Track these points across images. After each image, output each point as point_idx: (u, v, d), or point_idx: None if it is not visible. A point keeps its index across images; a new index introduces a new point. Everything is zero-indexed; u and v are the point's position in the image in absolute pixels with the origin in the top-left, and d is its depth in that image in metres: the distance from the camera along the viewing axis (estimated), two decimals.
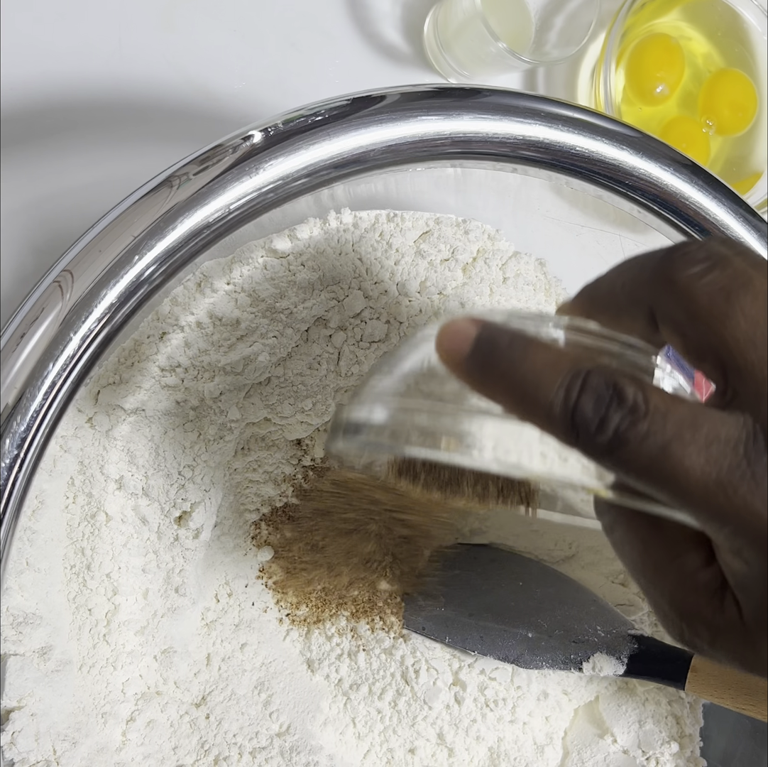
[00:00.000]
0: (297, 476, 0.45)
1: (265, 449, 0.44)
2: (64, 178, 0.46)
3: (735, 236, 0.38)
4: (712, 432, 0.21)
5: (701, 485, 0.21)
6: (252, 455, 0.43)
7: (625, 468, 0.21)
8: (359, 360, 0.42)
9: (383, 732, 0.45)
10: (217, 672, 0.43)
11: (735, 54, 0.53)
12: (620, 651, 0.43)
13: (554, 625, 0.44)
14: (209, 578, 0.44)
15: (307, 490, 0.45)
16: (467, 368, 0.24)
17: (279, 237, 0.40)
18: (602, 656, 0.43)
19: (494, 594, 0.45)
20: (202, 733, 0.42)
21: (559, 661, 0.44)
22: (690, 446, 0.21)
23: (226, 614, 0.44)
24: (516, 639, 0.44)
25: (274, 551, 0.45)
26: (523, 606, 0.44)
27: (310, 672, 0.45)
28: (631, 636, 0.44)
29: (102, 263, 0.31)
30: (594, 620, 0.44)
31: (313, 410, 0.42)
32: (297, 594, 0.45)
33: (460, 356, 0.24)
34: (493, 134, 0.35)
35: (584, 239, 0.47)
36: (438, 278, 0.42)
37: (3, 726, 0.36)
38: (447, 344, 0.24)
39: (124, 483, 0.41)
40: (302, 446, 0.44)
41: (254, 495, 0.44)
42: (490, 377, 0.23)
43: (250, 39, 0.48)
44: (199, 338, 0.40)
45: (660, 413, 0.21)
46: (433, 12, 0.49)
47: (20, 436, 0.30)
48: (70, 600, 0.40)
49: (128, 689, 0.41)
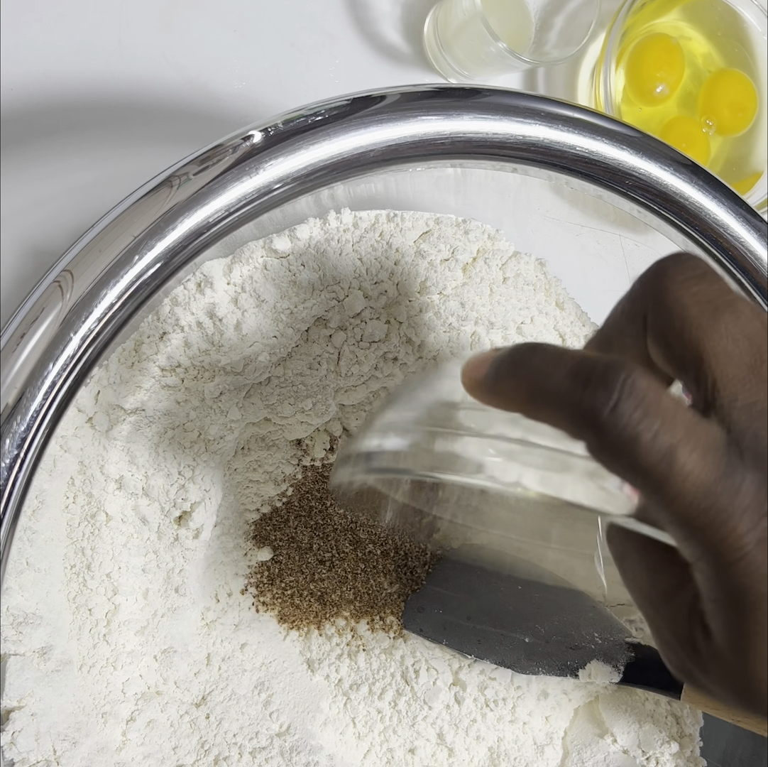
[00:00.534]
0: (297, 476, 0.45)
1: (265, 449, 0.44)
2: (64, 178, 0.46)
3: (735, 235, 0.38)
4: (709, 440, 0.21)
5: (692, 492, 0.21)
6: (252, 455, 0.43)
7: (632, 464, 0.21)
8: (359, 360, 0.42)
9: (383, 732, 0.45)
10: (217, 671, 0.43)
11: (735, 54, 0.53)
12: (617, 659, 0.43)
13: (552, 631, 0.44)
14: (209, 578, 0.44)
15: (306, 491, 0.45)
16: (484, 383, 0.24)
17: (279, 237, 0.40)
18: (598, 664, 0.43)
19: (492, 597, 0.45)
20: (202, 733, 0.42)
21: (555, 667, 0.44)
22: (694, 452, 0.21)
23: (226, 614, 0.44)
24: (513, 644, 0.44)
25: (274, 551, 0.45)
26: (521, 611, 0.44)
27: (310, 672, 0.45)
28: (629, 644, 0.44)
29: (102, 263, 0.31)
30: (592, 627, 0.44)
31: (313, 410, 0.42)
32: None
33: (480, 376, 0.25)
34: (493, 134, 0.35)
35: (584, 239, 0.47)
36: (438, 278, 0.42)
37: (3, 726, 0.36)
38: (470, 372, 0.25)
39: (124, 483, 0.41)
40: (302, 446, 0.45)
41: (254, 495, 0.44)
42: (502, 382, 0.24)
43: (250, 39, 0.48)
44: (199, 338, 0.40)
45: (670, 414, 0.21)
46: (433, 12, 0.49)
47: (20, 436, 0.30)
48: (70, 600, 0.40)
49: (128, 689, 0.41)
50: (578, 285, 0.47)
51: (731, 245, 0.38)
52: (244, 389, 0.41)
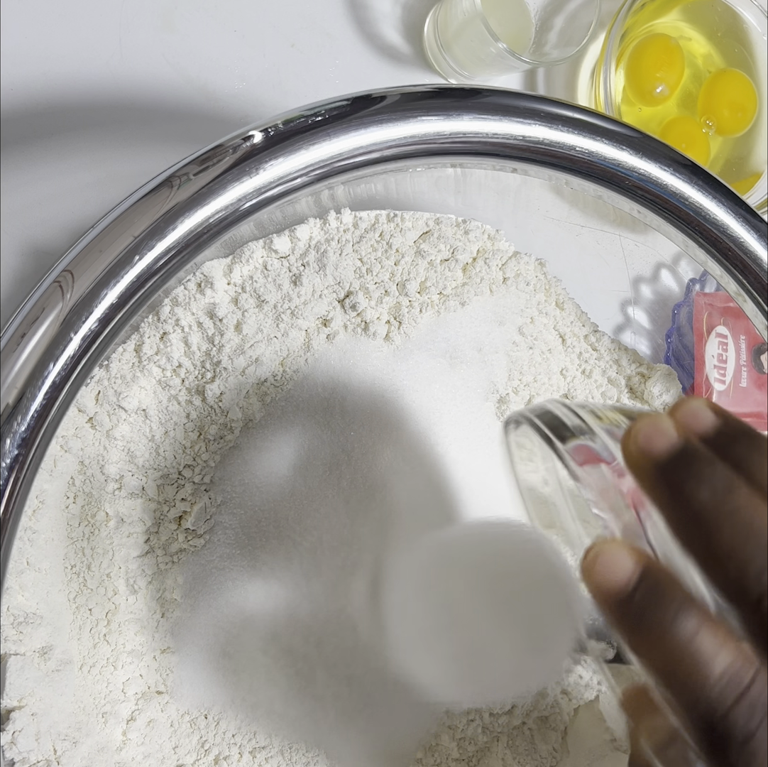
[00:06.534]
0: None
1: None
2: (64, 178, 0.46)
3: (735, 235, 0.38)
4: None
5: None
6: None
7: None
8: None
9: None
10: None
11: (735, 54, 0.53)
12: (608, 636, 0.44)
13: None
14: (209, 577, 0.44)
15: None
16: (620, 613, 0.22)
17: (279, 237, 0.40)
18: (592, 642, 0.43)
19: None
20: (202, 733, 0.42)
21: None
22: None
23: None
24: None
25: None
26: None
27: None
28: None
29: (102, 263, 0.31)
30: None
31: None
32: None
33: (616, 595, 0.22)
34: (493, 134, 0.35)
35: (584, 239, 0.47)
36: (438, 278, 0.42)
37: (3, 726, 0.36)
38: (600, 576, 0.22)
39: (125, 483, 0.41)
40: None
41: None
42: (645, 636, 0.21)
43: (251, 39, 0.48)
44: (199, 338, 0.40)
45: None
46: (433, 12, 0.49)
47: (21, 436, 0.30)
48: (70, 600, 0.40)
49: (129, 688, 0.41)
50: (578, 285, 0.47)
51: (731, 245, 0.38)
52: (244, 389, 0.41)
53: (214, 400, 0.41)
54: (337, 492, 0.41)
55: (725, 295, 0.48)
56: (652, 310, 0.52)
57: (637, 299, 0.52)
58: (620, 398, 0.47)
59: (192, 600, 0.42)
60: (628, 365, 0.47)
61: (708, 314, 0.50)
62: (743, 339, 0.50)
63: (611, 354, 0.47)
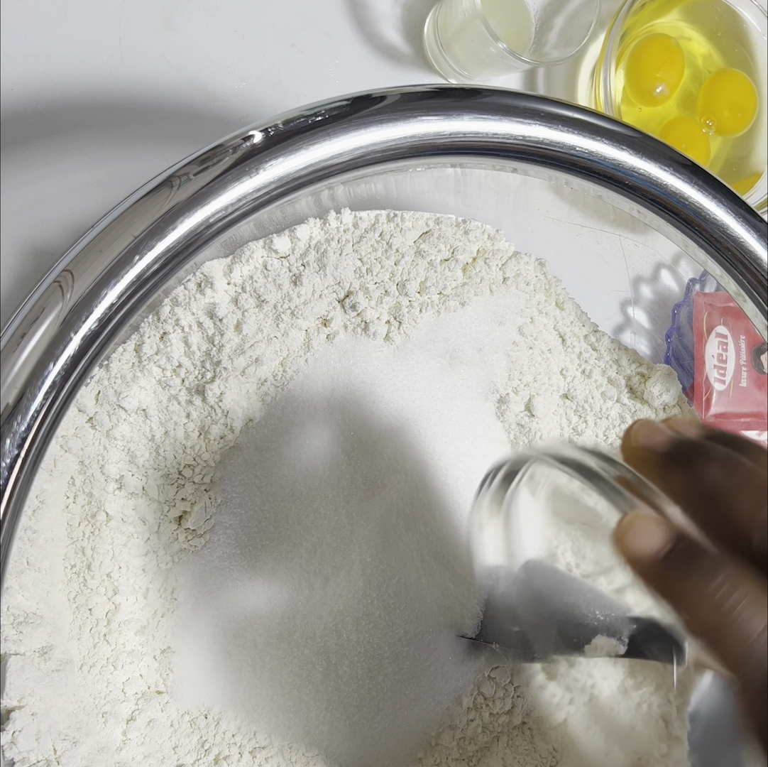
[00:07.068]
0: None
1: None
2: (64, 178, 0.46)
3: (734, 235, 0.38)
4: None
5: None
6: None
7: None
8: None
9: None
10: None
11: (735, 54, 0.53)
12: (620, 631, 0.44)
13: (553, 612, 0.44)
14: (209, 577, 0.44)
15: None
16: (659, 575, 0.22)
17: (279, 237, 0.40)
18: (603, 638, 0.44)
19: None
20: (202, 733, 0.42)
21: (562, 645, 0.44)
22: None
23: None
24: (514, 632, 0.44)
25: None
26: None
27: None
28: (629, 618, 0.44)
29: (102, 263, 0.31)
30: (591, 605, 0.44)
31: None
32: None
33: (653, 558, 0.22)
34: (493, 134, 0.35)
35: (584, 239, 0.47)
36: (438, 278, 0.42)
37: (3, 726, 0.36)
38: (636, 542, 0.23)
39: (125, 483, 0.41)
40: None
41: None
42: (688, 595, 0.22)
43: (251, 39, 0.48)
44: (199, 338, 0.40)
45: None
46: (433, 12, 0.49)
47: (21, 436, 0.30)
48: (70, 600, 0.40)
49: (128, 688, 0.41)
50: (578, 285, 0.47)
51: (731, 245, 0.38)
52: (244, 389, 0.41)
53: (214, 400, 0.41)
54: (337, 492, 0.41)
55: (725, 295, 0.48)
56: (652, 310, 0.52)
57: (637, 299, 0.52)
58: (620, 398, 0.47)
59: (192, 599, 0.42)
60: (628, 365, 0.47)
61: (708, 314, 0.50)
62: (743, 339, 0.50)
63: (611, 354, 0.47)
